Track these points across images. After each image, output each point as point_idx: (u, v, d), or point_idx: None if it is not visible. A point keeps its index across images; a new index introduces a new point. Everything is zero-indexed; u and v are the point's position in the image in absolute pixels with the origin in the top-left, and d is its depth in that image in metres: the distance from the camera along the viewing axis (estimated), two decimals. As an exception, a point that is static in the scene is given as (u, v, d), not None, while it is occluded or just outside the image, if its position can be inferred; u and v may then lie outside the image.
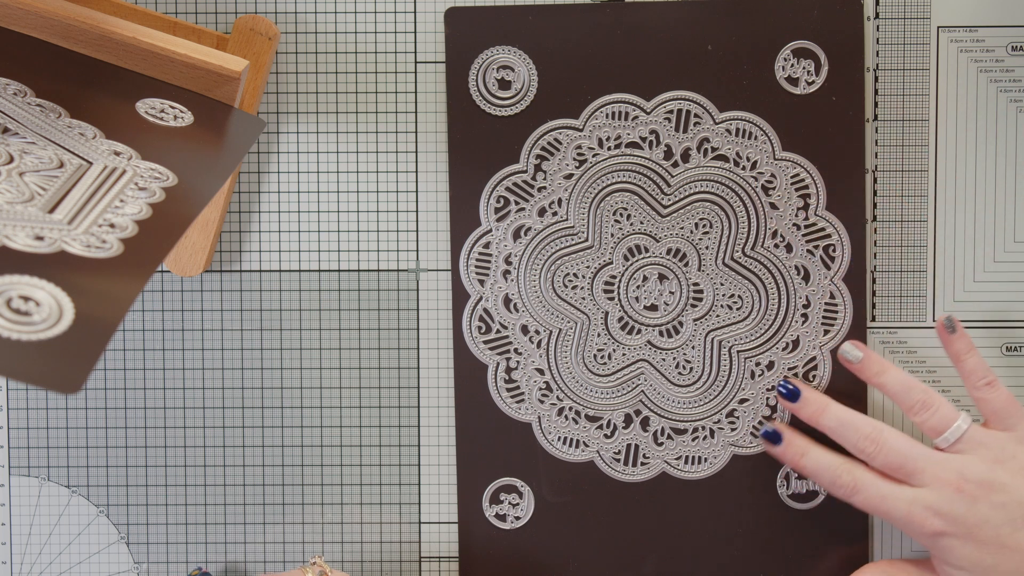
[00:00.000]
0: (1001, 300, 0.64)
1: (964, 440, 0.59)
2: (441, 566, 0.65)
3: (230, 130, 0.57)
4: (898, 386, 0.60)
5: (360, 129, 0.64)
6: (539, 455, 0.64)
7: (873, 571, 0.62)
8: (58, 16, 0.53)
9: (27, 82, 0.54)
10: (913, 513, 0.58)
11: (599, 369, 0.64)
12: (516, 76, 0.63)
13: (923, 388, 0.60)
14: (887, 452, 0.59)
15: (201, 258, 0.63)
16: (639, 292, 0.64)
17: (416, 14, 0.64)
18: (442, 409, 0.65)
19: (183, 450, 0.65)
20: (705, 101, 0.63)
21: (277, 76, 0.64)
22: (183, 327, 0.65)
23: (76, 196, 0.49)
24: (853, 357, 0.62)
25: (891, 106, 0.64)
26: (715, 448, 0.64)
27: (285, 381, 0.65)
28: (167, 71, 0.56)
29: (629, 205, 0.63)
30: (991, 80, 0.64)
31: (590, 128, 0.63)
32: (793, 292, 0.64)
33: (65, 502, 0.65)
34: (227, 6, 0.64)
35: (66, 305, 0.43)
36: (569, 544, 0.65)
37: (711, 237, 0.63)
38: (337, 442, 0.65)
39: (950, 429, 0.59)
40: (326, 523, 0.65)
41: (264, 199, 0.64)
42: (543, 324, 0.64)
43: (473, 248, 0.64)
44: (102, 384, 0.65)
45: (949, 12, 0.63)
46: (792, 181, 0.63)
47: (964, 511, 0.57)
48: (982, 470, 0.58)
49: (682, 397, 0.64)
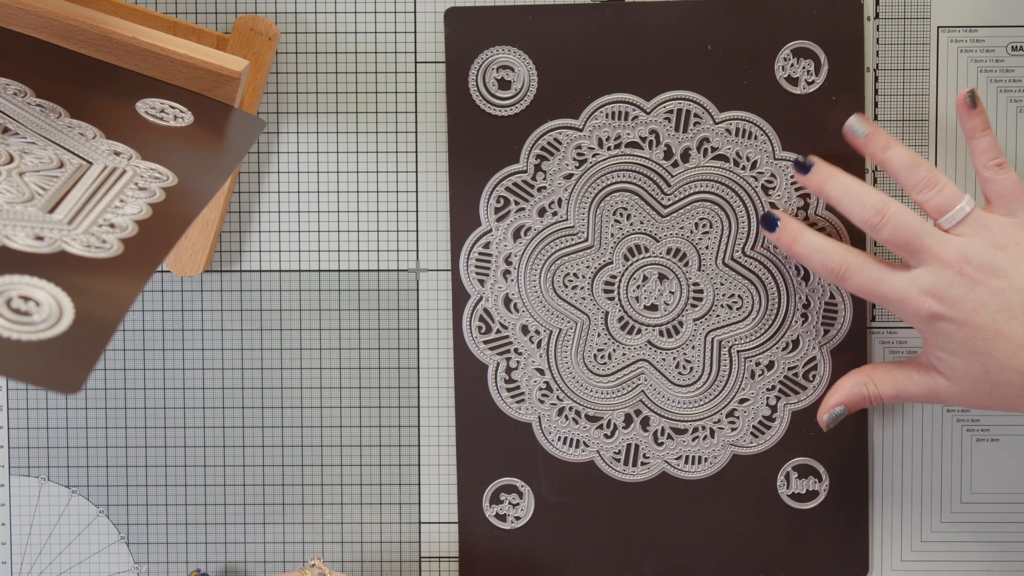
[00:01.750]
0: (1001, 300, 0.64)
1: (968, 222, 0.57)
2: (441, 566, 0.65)
3: (230, 130, 0.57)
4: (904, 162, 0.58)
5: (360, 129, 0.64)
6: (539, 455, 0.64)
7: (858, 375, 0.60)
8: (58, 16, 0.53)
9: (27, 82, 0.54)
10: (910, 295, 0.56)
11: (599, 369, 0.64)
12: (516, 76, 0.63)
13: (929, 166, 0.58)
14: (893, 226, 0.57)
15: (201, 258, 0.63)
16: (639, 292, 0.64)
17: (416, 14, 0.64)
18: (442, 409, 0.65)
19: (183, 450, 0.65)
20: (705, 101, 0.63)
21: (277, 76, 0.64)
22: (183, 327, 0.65)
23: (76, 196, 0.49)
24: (859, 131, 0.60)
25: (891, 106, 0.64)
26: (715, 448, 0.64)
27: (285, 381, 0.65)
28: (167, 71, 0.56)
29: (629, 205, 0.63)
30: (991, 80, 0.64)
31: (590, 128, 0.63)
32: (793, 292, 0.64)
33: (65, 502, 0.65)
34: (227, 6, 0.64)
35: (66, 305, 0.43)
36: (569, 544, 0.65)
37: (711, 237, 0.63)
38: (337, 442, 0.65)
39: (954, 209, 0.57)
40: (326, 523, 0.65)
41: (264, 199, 0.64)
42: (543, 324, 0.64)
43: (473, 248, 0.64)
44: (102, 384, 0.65)
45: (949, 12, 0.63)
46: (792, 181, 0.63)
47: (962, 294, 0.56)
48: (984, 254, 0.56)
49: (682, 397, 0.64)
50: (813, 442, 0.64)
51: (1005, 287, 0.56)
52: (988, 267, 0.56)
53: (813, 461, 0.64)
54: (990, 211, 0.58)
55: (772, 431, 0.64)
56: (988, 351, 0.56)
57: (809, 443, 0.64)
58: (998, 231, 0.57)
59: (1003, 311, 0.55)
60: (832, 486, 0.64)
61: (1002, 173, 0.58)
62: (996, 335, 0.55)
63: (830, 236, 0.63)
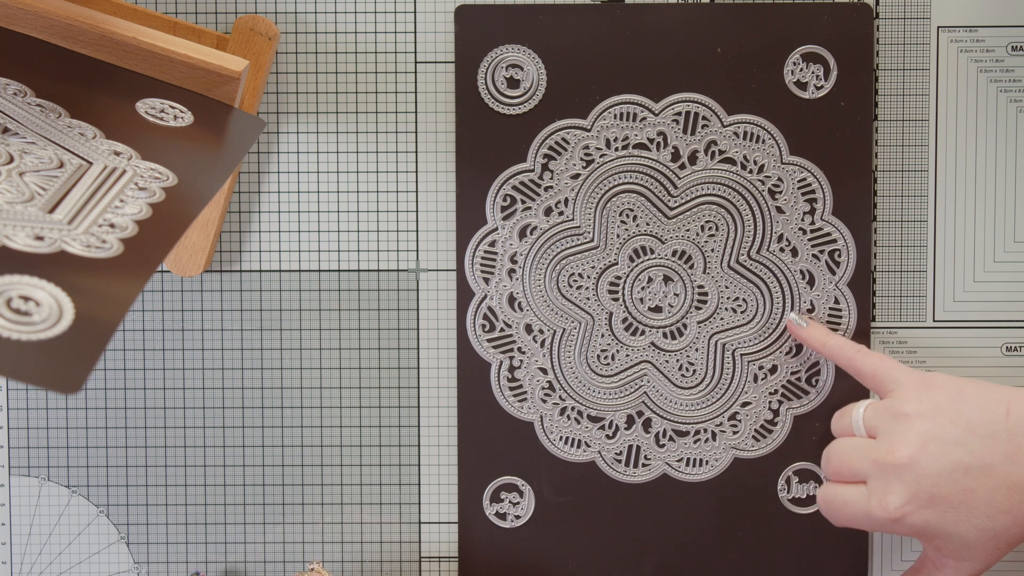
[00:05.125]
0: (1001, 300, 0.64)
1: (868, 424, 0.58)
2: (441, 566, 0.65)
3: (230, 130, 0.57)
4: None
5: (360, 129, 0.64)
6: (540, 455, 0.64)
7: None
8: (58, 16, 0.53)
9: (27, 82, 0.54)
10: (871, 505, 0.56)
11: (602, 370, 0.64)
12: (525, 75, 0.63)
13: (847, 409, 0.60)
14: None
15: (201, 258, 0.63)
16: (644, 293, 0.64)
17: (416, 14, 0.64)
18: (442, 409, 0.65)
19: (183, 450, 0.65)
20: (713, 104, 0.63)
21: (277, 76, 0.64)
22: (183, 327, 0.65)
23: (76, 196, 0.49)
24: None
25: (891, 106, 0.64)
26: (716, 451, 0.64)
27: (285, 381, 0.65)
28: (167, 71, 0.56)
29: (635, 206, 0.63)
30: (991, 80, 0.64)
31: (598, 128, 0.63)
32: (798, 296, 0.63)
33: (65, 502, 0.65)
34: (227, 6, 0.64)
35: (66, 305, 0.43)
36: (569, 544, 0.65)
37: (717, 240, 0.63)
38: (337, 442, 0.65)
39: (853, 422, 0.58)
40: (326, 523, 0.65)
41: (264, 199, 0.64)
42: (547, 323, 0.64)
43: (479, 246, 0.64)
44: (102, 384, 0.65)
45: (949, 12, 0.63)
46: (799, 185, 0.63)
47: (914, 479, 0.55)
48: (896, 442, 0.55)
49: (684, 399, 0.64)
50: (815, 447, 0.64)
51: (941, 446, 0.54)
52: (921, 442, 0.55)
53: (814, 466, 0.64)
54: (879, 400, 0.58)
55: (774, 435, 0.64)
56: (968, 511, 0.54)
57: (811, 448, 0.64)
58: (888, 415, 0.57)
59: (956, 470, 0.54)
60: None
61: (865, 358, 0.59)
62: (963, 492, 0.54)
63: (835, 241, 0.63)
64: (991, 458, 0.54)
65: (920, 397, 0.56)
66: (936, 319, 0.64)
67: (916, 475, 0.54)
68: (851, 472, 0.57)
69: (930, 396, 0.56)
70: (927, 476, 0.54)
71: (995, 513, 0.54)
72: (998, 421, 0.54)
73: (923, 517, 0.55)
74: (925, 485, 0.54)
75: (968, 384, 0.56)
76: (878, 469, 0.55)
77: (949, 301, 0.64)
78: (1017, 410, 0.55)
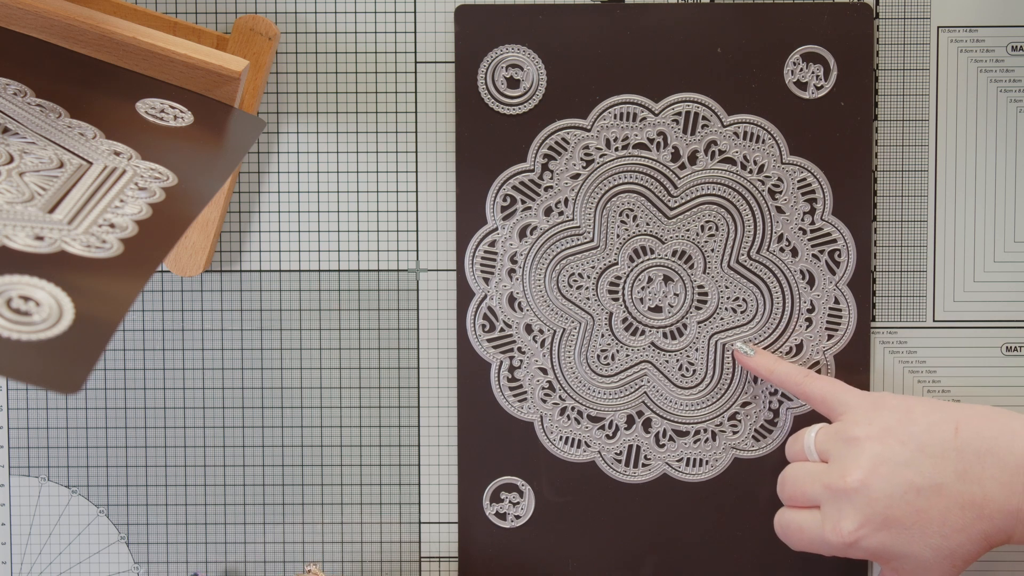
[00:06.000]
0: (1001, 300, 0.64)
1: (819, 448, 0.58)
2: (441, 566, 0.65)
3: (230, 130, 0.57)
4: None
5: (360, 129, 0.64)
6: (540, 455, 0.64)
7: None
8: (58, 16, 0.53)
9: (27, 82, 0.54)
10: (825, 530, 0.56)
11: (602, 370, 0.64)
12: (525, 75, 0.63)
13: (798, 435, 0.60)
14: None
15: (201, 258, 0.63)
16: (644, 293, 0.64)
17: (416, 14, 0.64)
18: (442, 409, 0.65)
19: (183, 450, 0.65)
20: (713, 104, 0.63)
21: (277, 76, 0.64)
22: (183, 327, 0.65)
23: (76, 196, 0.49)
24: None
25: (891, 106, 0.64)
26: (716, 451, 0.64)
27: (285, 381, 0.65)
28: (167, 71, 0.56)
29: (635, 206, 0.63)
30: (991, 80, 0.64)
31: (598, 128, 0.63)
32: (797, 296, 0.63)
33: (65, 502, 0.65)
34: (227, 6, 0.64)
35: (66, 305, 0.43)
36: (569, 544, 0.65)
37: (717, 240, 0.63)
38: (337, 442, 0.65)
39: (805, 447, 0.59)
40: (326, 523, 0.65)
41: (264, 199, 0.64)
42: (547, 323, 0.64)
43: (479, 246, 0.64)
44: (102, 384, 0.65)
45: (949, 12, 0.63)
46: (799, 185, 0.63)
47: (866, 503, 0.55)
48: (847, 466, 0.56)
49: (684, 399, 0.64)
50: (815, 445, 0.64)
51: (892, 468, 0.54)
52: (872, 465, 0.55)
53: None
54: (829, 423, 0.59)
55: (774, 435, 0.64)
56: (922, 532, 0.54)
57: (811, 446, 0.64)
58: (837, 441, 0.57)
59: (908, 491, 0.54)
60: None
61: (813, 383, 0.60)
62: (916, 513, 0.54)
63: (836, 241, 0.63)
64: (942, 478, 0.54)
65: (870, 419, 0.56)
66: (936, 319, 0.64)
67: (868, 498, 0.54)
68: (804, 497, 0.57)
69: (879, 418, 0.56)
70: (879, 499, 0.54)
71: (949, 532, 0.54)
72: (947, 440, 0.54)
73: (878, 540, 0.55)
74: (878, 508, 0.54)
75: (917, 404, 0.56)
76: (830, 494, 0.56)
77: (949, 301, 0.64)
78: (965, 429, 0.55)
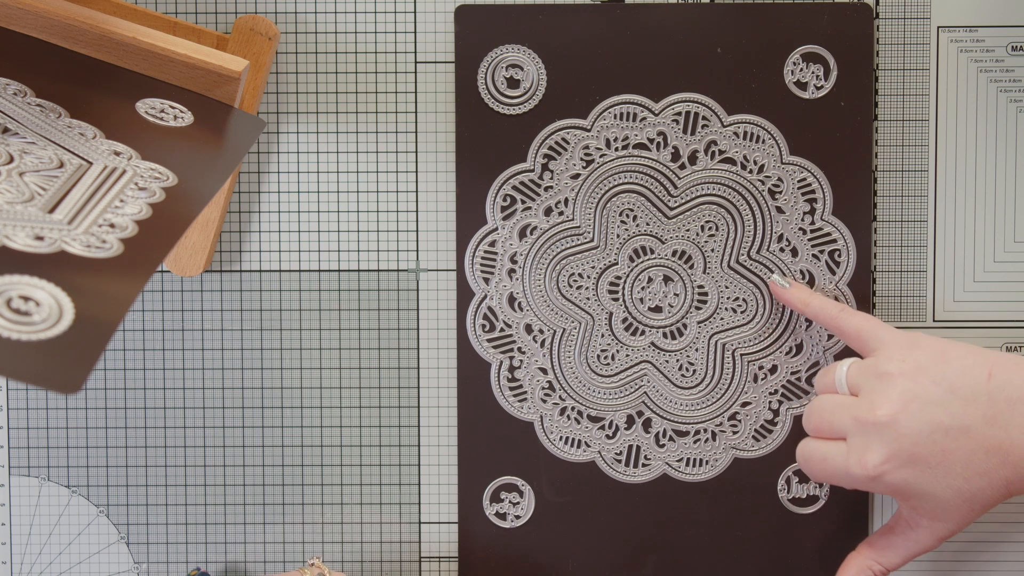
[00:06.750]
0: (1001, 300, 0.64)
1: (851, 382, 0.57)
2: (441, 566, 0.65)
3: (230, 130, 0.57)
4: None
5: (360, 129, 0.64)
6: (540, 455, 0.64)
7: (858, 558, 0.60)
8: (58, 16, 0.53)
9: (27, 82, 0.54)
10: (850, 462, 0.56)
11: (602, 370, 0.64)
12: (525, 75, 0.63)
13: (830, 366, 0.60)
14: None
15: (201, 258, 0.63)
16: (644, 293, 0.64)
17: (416, 14, 0.64)
18: (442, 409, 0.65)
19: (183, 450, 0.65)
20: (713, 104, 0.63)
21: (277, 76, 0.64)
22: (183, 327, 0.65)
23: (76, 196, 0.49)
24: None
25: (891, 106, 0.64)
26: (716, 451, 0.64)
27: (285, 381, 0.65)
28: (167, 71, 0.56)
29: (635, 206, 0.63)
30: (991, 80, 0.64)
31: (598, 128, 0.63)
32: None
33: (65, 502, 0.65)
34: (227, 6, 0.64)
35: (66, 305, 0.43)
36: (569, 544, 0.65)
37: (717, 240, 0.63)
38: (337, 442, 0.65)
39: (836, 380, 0.58)
40: (326, 523, 0.65)
41: (264, 199, 0.64)
42: (547, 323, 0.64)
43: (479, 246, 0.64)
44: (102, 384, 0.65)
45: (949, 12, 0.63)
46: (799, 185, 0.63)
47: (894, 438, 0.54)
48: (877, 400, 0.55)
49: (684, 399, 0.64)
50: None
51: (922, 406, 0.54)
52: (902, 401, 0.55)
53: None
54: (861, 359, 0.58)
55: (774, 435, 0.64)
56: (945, 472, 0.54)
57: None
58: (871, 375, 0.56)
59: (935, 430, 0.54)
60: (832, 491, 0.64)
61: (849, 318, 0.59)
62: (941, 453, 0.54)
63: (835, 241, 0.63)
64: (970, 420, 0.54)
65: (903, 357, 0.56)
66: (936, 319, 0.64)
67: (896, 434, 0.54)
68: (831, 429, 0.57)
69: (913, 356, 0.56)
70: (906, 435, 0.54)
71: (971, 475, 0.54)
72: (979, 384, 0.54)
73: (901, 476, 0.55)
74: (904, 444, 0.54)
75: (952, 346, 0.56)
76: (858, 426, 0.55)
77: (949, 301, 0.64)
78: (999, 374, 0.54)
